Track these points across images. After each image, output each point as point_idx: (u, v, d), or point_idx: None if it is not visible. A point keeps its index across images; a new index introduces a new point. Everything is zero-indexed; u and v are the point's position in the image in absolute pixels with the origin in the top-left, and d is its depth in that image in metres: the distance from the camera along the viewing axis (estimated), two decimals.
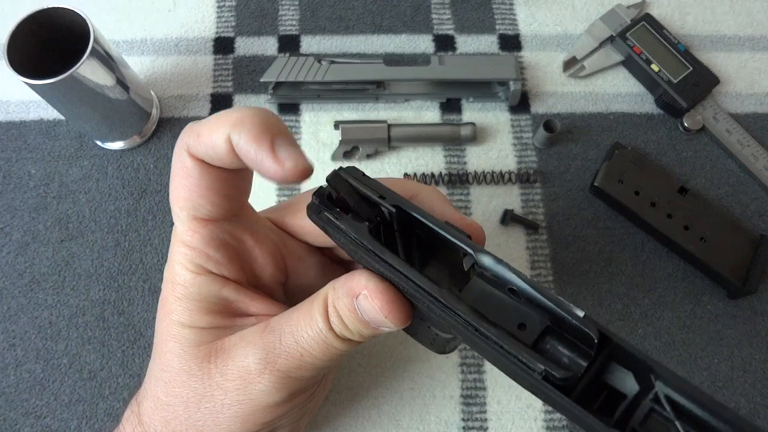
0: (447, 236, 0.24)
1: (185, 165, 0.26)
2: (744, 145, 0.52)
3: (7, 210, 0.49)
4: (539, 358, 0.21)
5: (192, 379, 0.28)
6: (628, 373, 0.21)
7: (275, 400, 0.28)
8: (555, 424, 0.44)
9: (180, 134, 0.27)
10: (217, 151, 0.25)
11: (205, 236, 0.28)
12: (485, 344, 0.22)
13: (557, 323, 0.22)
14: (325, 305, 0.27)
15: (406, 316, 0.26)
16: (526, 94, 0.55)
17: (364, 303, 0.26)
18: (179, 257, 0.29)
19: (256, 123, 0.24)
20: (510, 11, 0.58)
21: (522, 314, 0.23)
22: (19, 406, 0.44)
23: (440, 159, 0.52)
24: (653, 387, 0.20)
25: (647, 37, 0.54)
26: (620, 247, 0.49)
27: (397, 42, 0.56)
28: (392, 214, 0.26)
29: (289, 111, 0.54)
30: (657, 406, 0.20)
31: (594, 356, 0.21)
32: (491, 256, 0.23)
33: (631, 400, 0.21)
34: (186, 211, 0.28)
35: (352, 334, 0.27)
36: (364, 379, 0.45)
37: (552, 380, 0.20)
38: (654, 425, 0.20)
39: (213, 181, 0.27)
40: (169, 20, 0.56)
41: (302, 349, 0.27)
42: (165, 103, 0.53)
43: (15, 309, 0.46)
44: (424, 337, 0.33)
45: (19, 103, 0.53)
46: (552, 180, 0.51)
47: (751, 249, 0.48)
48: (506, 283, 0.23)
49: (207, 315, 0.29)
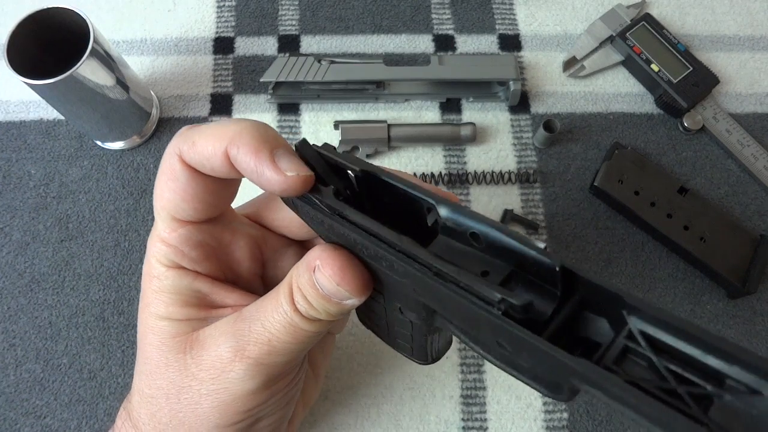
0: (411, 191, 0.23)
1: (174, 168, 0.27)
2: (744, 145, 0.52)
3: (7, 210, 0.49)
4: (496, 288, 0.19)
5: (170, 370, 0.29)
6: (601, 319, 0.20)
7: (250, 388, 0.28)
8: (555, 424, 0.44)
9: (174, 137, 0.27)
10: (211, 162, 0.25)
11: (182, 235, 0.29)
12: (444, 288, 0.21)
13: (522, 267, 0.21)
14: (290, 288, 0.27)
15: (361, 283, 0.26)
16: (526, 94, 0.55)
17: (319, 275, 0.26)
18: (155, 252, 0.29)
19: (255, 136, 0.24)
20: (510, 11, 0.58)
21: (486, 263, 0.22)
22: (19, 406, 0.44)
23: (440, 159, 0.52)
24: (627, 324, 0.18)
25: (647, 37, 0.54)
26: (620, 247, 0.49)
27: (397, 42, 0.56)
28: (360, 181, 0.25)
29: (289, 111, 0.54)
30: (631, 343, 0.18)
31: (562, 300, 0.20)
32: (451, 204, 0.22)
33: (606, 346, 0.19)
34: (167, 211, 0.28)
35: (318, 313, 0.27)
36: (364, 378, 0.45)
37: (514, 315, 0.19)
38: (631, 366, 0.18)
39: (199, 188, 0.27)
40: (169, 20, 0.56)
41: (270, 334, 0.27)
42: (165, 103, 0.53)
43: (15, 309, 0.46)
44: (402, 339, 0.32)
45: (19, 103, 0.53)
46: (552, 180, 0.51)
47: (751, 249, 0.48)
48: (466, 229, 0.22)
49: (182, 307, 0.29)
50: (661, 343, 0.18)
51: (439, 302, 0.23)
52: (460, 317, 0.23)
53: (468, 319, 0.22)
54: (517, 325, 0.19)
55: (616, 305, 0.18)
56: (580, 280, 0.19)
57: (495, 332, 0.20)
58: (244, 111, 0.53)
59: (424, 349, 0.32)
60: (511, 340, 0.20)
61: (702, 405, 0.17)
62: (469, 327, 0.23)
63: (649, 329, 0.18)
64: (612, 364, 0.18)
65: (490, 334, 0.21)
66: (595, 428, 0.44)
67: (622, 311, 0.18)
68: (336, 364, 0.45)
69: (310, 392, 0.38)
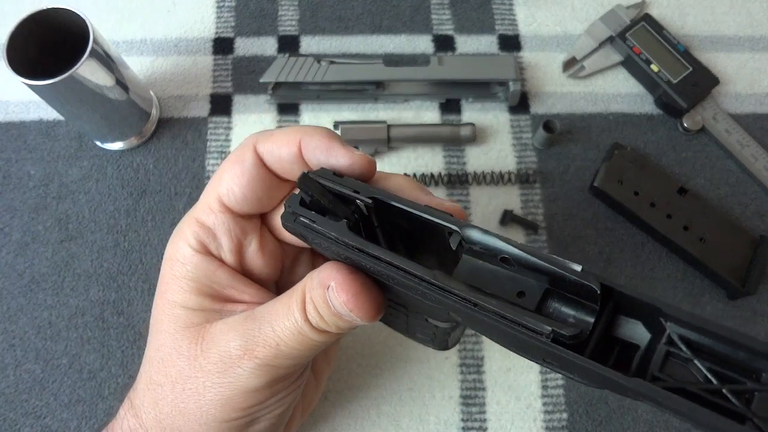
0: (429, 218, 0.23)
1: (244, 155, 0.29)
2: (744, 145, 0.52)
3: (6, 210, 0.49)
4: (545, 320, 0.20)
5: (180, 359, 0.29)
6: (636, 322, 0.21)
7: (255, 385, 0.28)
8: (554, 424, 0.44)
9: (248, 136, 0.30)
10: (282, 151, 0.29)
11: (221, 219, 0.30)
12: (487, 318, 0.21)
13: (556, 284, 0.22)
14: (303, 296, 0.28)
15: (374, 309, 0.26)
16: (525, 95, 0.55)
17: (333, 296, 0.26)
18: (187, 233, 0.30)
19: (326, 132, 0.29)
20: (510, 11, 0.58)
21: (519, 282, 0.22)
22: (19, 406, 0.44)
23: (440, 159, 0.52)
24: (665, 330, 0.19)
25: (647, 37, 0.54)
26: (620, 248, 0.49)
27: (397, 42, 0.56)
28: (369, 206, 0.25)
29: (289, 111, 0.54)
30: (673, 348, 0.19)
31: (599, 310, 0.21)
32: (478, 228, 0.23)
33: (645, 348, 0.20)
34: (218, 193, 0.30)
35: (329, 326, 0.27)
36: (364, 379, 0.45)
37: (562, 341, 0.20)
38: (674, 368, 0.20)
39: (257, 178, 0.30)
40: (169, 20, 0.56)
41: (278, 339, 0.28)
42: (164, 104, 0.53)
43: (14, 309, 0.46)
44: (423, 334, 0.32)
45: (19, 103, 0.53)
46: (551, 180, 0.51)
47: (751, 250, 0.48)
48: (497, 253, 0.22)
49: (199, 296, 0.30)
50: (698, 344, 0.19)
51: (479, 326, 0.23)
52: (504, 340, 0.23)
53: (512, 343, 0.22)
54: (566, 350, 0.20)
55: (651, 311, 0.20)
56: (617, 293, 0.20)
57: (542, 353, 0.21)
58: (244, 111, 0.53)
59: (445, 341, 0.32)
60: (560, 361, 0.21)
61: (743, 399, 0.18)
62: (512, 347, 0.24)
63: (686, 333, 0.19)
64: (658, 372, 0.19)
65: (537, 354, 0.22)
66: (594, 428, 0.44)
67: (659, 318, 0.19)
68: (336, 365, 0.45)
69: (310, 397, 0.38)
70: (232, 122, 0.53)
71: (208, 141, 0.52)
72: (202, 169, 0.51)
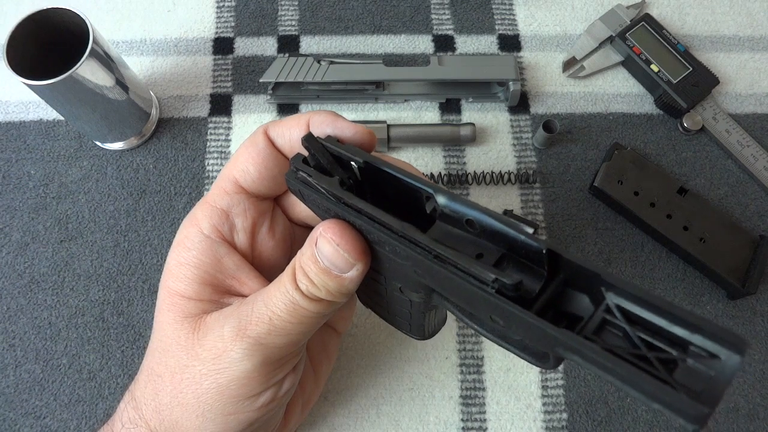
0: (410, 181, 0.25)
1: (257, 138, 0.31)
2: (743, 145, 0.52)
3: (6, 210, 0.49)
4: (490, 269, 0.21)
5: (179, 349, 0.30)
6: (583, 295, 0.22)
7: (248, 368, 0.28)
8: (554, 424, 0.44)
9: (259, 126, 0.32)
10: (294, 134, 0.30)
11: (235, 199, 0.31)
12: (442, 269, 0.23)
13: (513, 250, 0.23)
14: (293, 268, 0.28)
15: (360, 247, 0.27)
16: (525, 95, 0.55)
17: (321, 244, 0.27)
18: (199, 217, 0.31)
19: (331, 111, 0.30)
20: (509, 11, 0.58)
21: (479, 245, 0.24)
22: (19, 406, 0.44)
23: (440, 159, 0.52)
24: (605, 299, 0.20)
25: (647, 37, 0.54)
26: (620, 248, 0.49)
27: (397, 42, 0.56)
28: (362, 170, 0.27)
29: (289, 111, 0.54)
30: (609, 316, 0.20)
31: (548, 278, 0.22)
32: (448, 193, 0.24)
33: (587, 319, 0.21)
34: (233, 174, 0.31)
35: (319, 290, 0.28)
36: (363, 379, 0.45)
37: (505, 292, 0.21)
38: (607, 336, 0.21)
39: (269, 159, 0.31)
40: (169, 20, 0.56)
41: (271, 312, 0.28)
42: (164, 104, 0.53)
43: (14, 309, 0.46)
44: (401, 316, 0.34)
45: (19, 103, 0.53)
46: (551, 180, 0.51)
47: (751, 250, 0.48)
48: (462, 216, 0.24)
49: (201, 284, 0.30)
50: (635, 315, 0.20)
51: (438, 282, 0.25)
52: (457, 295, 0.25)
53: (464, 297, 0.24)
54: (508, 301, 0.21)
55: (595, 283, 0.21)
56: (564, 261, 0.21)
57: (488, 308, 0.22)
58: (244, 111, 0.53)
59: (421, 326, 0.34)
60: (503, 314, 0.22)
61: (668, 368, 0.19)
62: (464, 304, 0.25)
63: (624, 303, 0.20)
64: (592, 335, 0.20)
65: (484, 310, 0.23)
66: (594, 428, 0.44)
67: (600, 288, 0.20)
68: (335, 365, 0.45)
69: (309, 394, 0.38)
70: (232, 122, 0.53)
71: (208, 141, 0.52)
72: (202, 169, 0.51)
